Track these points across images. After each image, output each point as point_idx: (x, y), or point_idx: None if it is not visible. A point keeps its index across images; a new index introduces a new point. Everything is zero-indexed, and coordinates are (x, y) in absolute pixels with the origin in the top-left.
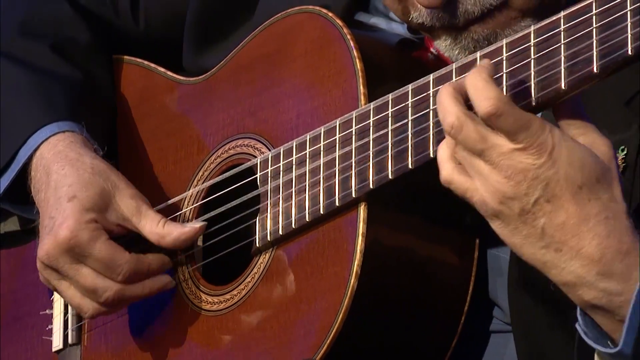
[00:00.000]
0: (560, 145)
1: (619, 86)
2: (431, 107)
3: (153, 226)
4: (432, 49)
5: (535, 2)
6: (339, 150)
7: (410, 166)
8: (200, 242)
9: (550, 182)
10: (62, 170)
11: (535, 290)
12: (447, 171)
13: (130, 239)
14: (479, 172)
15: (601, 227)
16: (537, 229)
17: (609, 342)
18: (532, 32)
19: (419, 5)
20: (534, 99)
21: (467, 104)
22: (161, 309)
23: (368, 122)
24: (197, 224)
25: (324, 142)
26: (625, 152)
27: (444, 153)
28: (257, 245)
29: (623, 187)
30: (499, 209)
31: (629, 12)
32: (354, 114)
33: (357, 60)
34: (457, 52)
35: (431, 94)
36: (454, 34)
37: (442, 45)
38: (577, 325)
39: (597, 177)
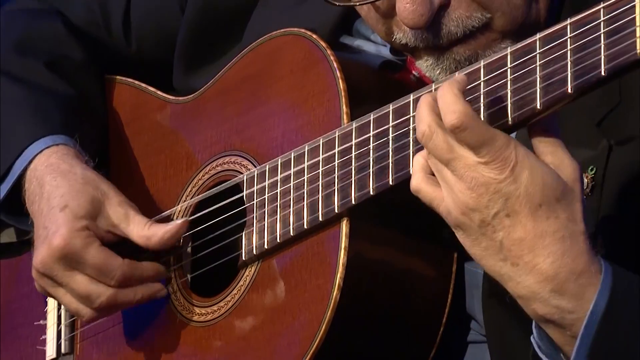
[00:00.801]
0: (523, 162)
1: (591, 107)
2: (411, 126)
3: (139, 229)
4: (414, 72)
5: (515, 25)
6: (322, 167)
7: (390, 183)
8: (189, 256)
9: (511, 197)
10: (55, 181)
11: (507, 301)
12: (417, 180)
13: (125, 249)
14: (446, 181)
15: (557, 245)
16: (496, 242)
17: (561, 355)
18: (508, 53)
19: (403, 26)
20: (510, 118)
21: None
22: (151, 320)
23: (350, 140)
24: (179, 221)
25: (307, 160)
26: (594, 171)
27: (417, 163)
28: (244, 258)
29: (585, 209)
30: (462, 219)
31: (602, 35)
32: (337, 132)
33: (340, 81)
34: (438, 72)
35: (411, 114)
36: (436, 54)
37: (423, 65)
38: (531, 338)
39: (557, 196)
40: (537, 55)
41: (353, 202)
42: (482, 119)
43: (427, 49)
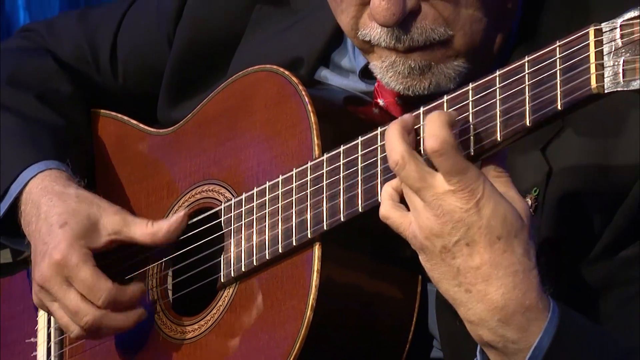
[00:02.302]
0: (489, 196)
1: (537, 133)
2: (379, 157)
3: (143, 229)
4: (379, 99)
5: (472, 47)
6: (295, 196)
7: (360, 210)
8: (171, 278)
9: (472, 227)
10: (51, 202)
11: (457, 317)
12: (385, 208)
13: (115, 272)
14: (415, 207)
15: (509, 279)
16: (454, 267)
17: None
18: (470, 89)
19: (370, 24)
20: (472, 149)
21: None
22: (137, 338)
23: (322, 170)
24: (180, 213)
25: (281, 188)
26: (537, 192)
27: (385, 192)
28: (222, 280)
29: (535, 244)
30: (425, 243)
31: (558, 71)
32: (309, 163)
33: (312, 114)
34: (390, 75)
35: (379, 146)
36: (393, 56)
37: (378, 65)
38: None
39: (515, 232)
40: (497, 89)
41: (325, 227)
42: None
43: (387, 49)
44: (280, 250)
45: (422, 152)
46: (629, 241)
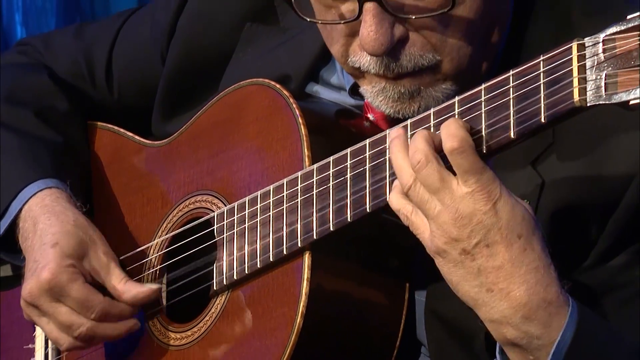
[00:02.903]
0: (505, 198)
1: (528, 146)
2: (367, 167)
3: (116, 283)
4: (369, 114)
5: (460, 71)
6: (286, 205)
7: (349, 219)
8: (165, 286)
9: (492, 228)
10: (48, 220)
11: (446, 325)
12: (407, 210)
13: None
14: (431, 211)
15: (531, 275)
16: (474, 269)
17: None
18: (456, 102)
19: (360, 51)
20: None
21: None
22: (131, 344)
23: (312, 180)
24: (154, 286)
25: (273, 198)
26: (528, 203)
27: (398, 197)
28: (215, 288)
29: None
30: (444, 248)
31: (542, 85)
32: (299, 173)
33: (302, 127)
34: (380, 99)
35: (367, 156)
36: (383, 82)
37: (369, 90)
38: None
39: (532, 230)
40: (483, 102)
41: (315, 237)
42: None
43: (377, 75)
44: (271, 259)
45: None
46: (623, 247)
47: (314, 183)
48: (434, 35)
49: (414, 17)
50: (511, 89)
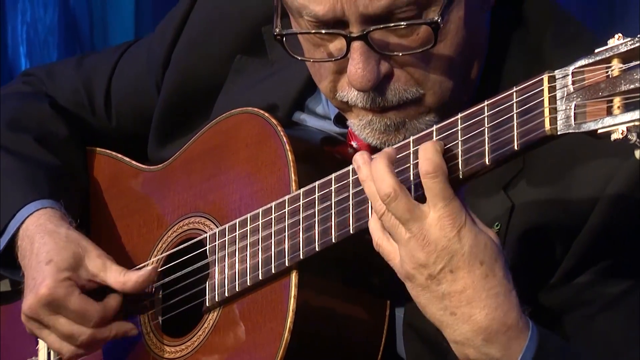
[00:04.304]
0: (469, 226)
1: (499, 172)
2: (351, 192)
3: (116, 276)
4: (352, 142)
5: (442, 103)
6: (274, 227)
7: (333, 240)
8: (160, 302)
9: (456, 254)
10: (42, 239)
11: (422, 338)
12: (378, 235)
13: (104, 295)
14: (401, 238)
15: (492, 300)
16: (439, 293)
17: None
18: (434, 130)
19: (347, 87)
20: None
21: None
22: (128, 357)
23: (298, 204)
24: (149, 267)
25: (262, 220)
26: (499, 226)
27: (375, 224)
28: (207, 304)
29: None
30: (412, 272)
31: (515, 115)
32: (286, 197)
33: (289, 153)
34: (367, 131)
35: (350, 182)
36: (370, 116)
37: (356, 123)
38: None
39: (495, 257)
40: (459, 131)
41: (301, 256)
42: (412, 187)
43: (364, 109)
44: (260, 277)
45: (409, 178)
46: (586, 267)
47: (301, 206)
48: (417, 71)
49: (399, 54)
50: (486, 118)
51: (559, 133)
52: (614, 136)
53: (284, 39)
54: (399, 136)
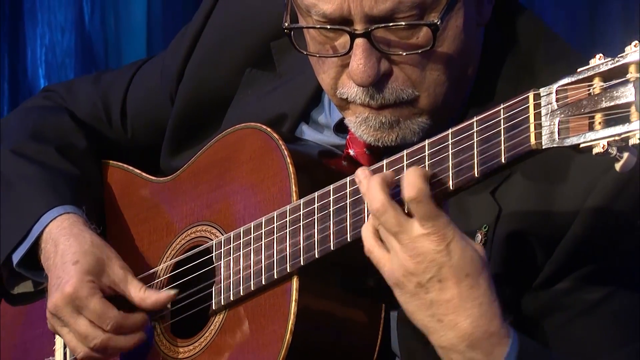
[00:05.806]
0: (457, 240)
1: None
2: (348, 202)
3: (136, 291)
4: (350, 150)
5: (435, 107)
6: (276, 235)
7: (332, 248)
8: (169, 306)
9: (444, 266)
10: (68, 241)
11: (416, 332)
12: (370, 244)
13: (121, 302)
14: (391, 247)
15: (476, 309)
16: (427, 301)
17: None
18: (426, 144)
19: (348, 84)
20: None
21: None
22: (140, 358)
23: (299, 213)
24: (171, 292)
25: (264, 228)
26: (486, 228)
27: (367, 232)
28: (214, 308)
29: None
30: (402, 280)
31: (502, 130)
32: (287, 207)
33: (290, 166)
34: (363, 128)
35: (348, 192)
36: (366, 112)
37: (352, 121)
38: None
39: (480, 270)
40: (450, 145)
41: (302, 263)
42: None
43: (362, 106)
44: (263, 282)
45: (400, 200)
46: (566, 273)
47: (301, 215)
48: (414, 73)
49: (402, 53)
50: (475, 133)
51: (543, 147)
52: (595, 150)
53: (292, 32)
54: (392, 134)
